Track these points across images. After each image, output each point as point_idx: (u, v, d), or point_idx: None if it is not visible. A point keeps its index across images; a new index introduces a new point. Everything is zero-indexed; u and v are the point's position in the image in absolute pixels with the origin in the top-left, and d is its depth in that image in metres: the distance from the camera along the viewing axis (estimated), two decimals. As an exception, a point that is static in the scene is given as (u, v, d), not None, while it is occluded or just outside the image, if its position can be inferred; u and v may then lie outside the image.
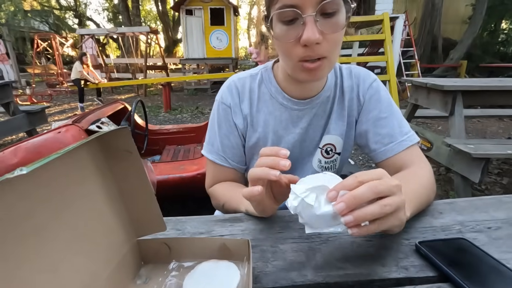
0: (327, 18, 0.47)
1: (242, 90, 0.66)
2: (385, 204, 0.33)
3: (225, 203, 0.62)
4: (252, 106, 0.66)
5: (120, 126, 1.60)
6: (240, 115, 0.66)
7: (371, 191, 0.33)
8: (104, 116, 2.07)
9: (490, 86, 2.10)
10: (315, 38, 0.46)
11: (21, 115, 3.30)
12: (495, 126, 4.40)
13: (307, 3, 0.46)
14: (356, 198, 0.32)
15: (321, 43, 0.48)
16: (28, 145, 1.45)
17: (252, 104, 0.66)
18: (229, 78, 0.68)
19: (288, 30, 0.49)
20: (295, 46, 0.49)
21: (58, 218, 0.26)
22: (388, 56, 4.30)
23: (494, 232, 0.46)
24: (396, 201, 0.34)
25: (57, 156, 0.23)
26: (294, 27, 0.48)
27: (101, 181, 0.33)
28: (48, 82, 9.37)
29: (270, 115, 0.65)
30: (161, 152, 2.55)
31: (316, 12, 0.46)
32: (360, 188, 0.33)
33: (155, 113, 5.84)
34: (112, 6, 17.90)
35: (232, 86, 0.66)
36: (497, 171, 2.71)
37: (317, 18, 0.46)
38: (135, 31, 8.83)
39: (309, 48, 0.48)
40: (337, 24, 0.48)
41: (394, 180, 0.35)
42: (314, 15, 0.46)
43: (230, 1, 9.12)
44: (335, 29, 0.48)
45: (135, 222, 0.39)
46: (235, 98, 0.66)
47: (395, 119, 0.62)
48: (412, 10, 9.80)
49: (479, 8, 7.94)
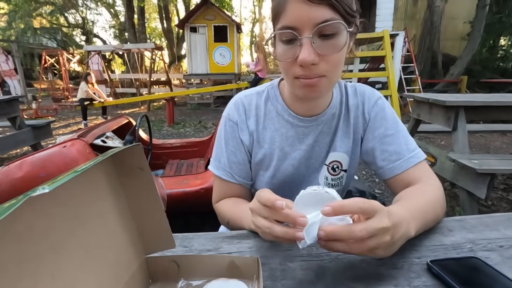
0: (325, 40, 0.48)
1: (249, 107, 0.67)
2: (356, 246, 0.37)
3: (229, 220, 0.63)
4: (259, 123, 0.67)
5: (125, 140, 1.60)
6: (247, 132, 0.67)
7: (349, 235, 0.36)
8: (109, 130, 2.09)
9: (492, 101, 2.11)
10: (310, 59, 0.48)
11: (26, 129, 3.33)
12: (499, 141, 4.38)
13: (305, 26, 0.47)
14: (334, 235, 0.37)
15: (319, 64, 0.49)
16: (33, 159, 1.46)
17: (259, 121, 0.67)
18: (235, 96, 0.70)
19: (287, 50, 0.51)
20: (293, 65, 0.51)
21: (73, 237, 0.26)
22: (389, 71, 4.36)
23: (507, 251, 0.45)
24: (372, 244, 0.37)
25: (75, 174, 0.23)
26: (293, 47, 0.50)
27: (114, 199, 0.33)
28: (54, 96, 9.53)
29: (276, 132, 0.66)
30: (164, 167, 2.56)
31: (313, 34, 0.47)
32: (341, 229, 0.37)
33: (158, 127, 5.88)
34: (118, 24, 18.44)
35: (239, 103, 0.68)
36: (503, 186, 2.67)
37: (313, 40, 0.48)
38: (141, 48, 9.04)
39: (305, 68, 0.50)
40: (335, 46, 0.49)
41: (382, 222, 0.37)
42: (310, 37, 0.47)
43: (233, 19, 9.37)
44: (333, 50, 0.49)
45: (145, 239, 0.38)
46: (241, 115, 0.67)
47: (402, 136, 0.62)
48: (411, 27, 10.03)
49: (477, 25, 8.09)
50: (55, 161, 1.49)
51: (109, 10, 18.12)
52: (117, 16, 18.64)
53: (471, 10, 9.56)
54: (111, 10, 18.10)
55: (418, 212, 0.47)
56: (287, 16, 0.48)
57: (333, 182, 0.68)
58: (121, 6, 17.25)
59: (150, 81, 8.84)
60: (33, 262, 0.22)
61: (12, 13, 12.58)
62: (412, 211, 0.45)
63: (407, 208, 0.45)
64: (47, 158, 1.49)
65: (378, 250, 0.37)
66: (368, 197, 1.55)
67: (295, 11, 0.47)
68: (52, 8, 15.15)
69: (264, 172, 0.69)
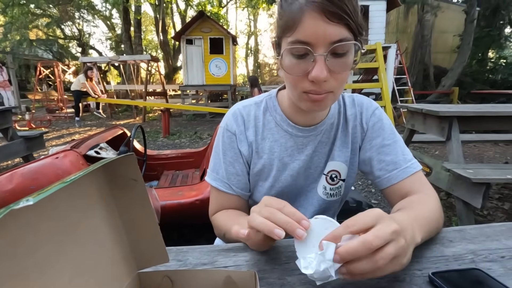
0: (337, 58, 0.49)
1: (247, 117, 0.67)
2: (379, 259, 0.33)
3: (226, 233, 0.60)
4: (257, 134, 0.66)
5: (119, 151, 1.58)
6: (245, 143, 0.66)
7: (365, 247, 0.33)
8: (103, 141, 2.06)
9: (484, 111, 2.15)
10: (323, 76, 0.48)
11: (18, 140, 3.28)
12: (492, 151, 4.44)
13: (320, 43, 0.47)
14: (349, 254, 0.33)
15: (328, 81, 0.50)
16: (24, 171, 1.42)
17: (257, 132, 0.66)
18: (233, 106, 0.69)
19: (298, 64, 0.50)
20: (303, 80, 0.51)
21: (61, 252, 0.24)
22: (382, 83, 4.44)
23: (509, 262, 0.44)
24: (392, 251, 0.34)
25: (63, 185, 0.22)
26: (304, 61, 0.49)
27: (105, 212, 0.31)
28: (48, 107, 9.46)
29: (276, 143, 0.66)
30: (159, 178, 2.52)
31: (328, 52, 0.47)
32: (354, 243, 0.33)
33: (153, 138, 5.85)
34: (115, 36, 18.59)
35: (237, 113, 0.67)
36: (497, 196, 2.68)
37: (327, 58, 0.48)
38: (137, 59, 9.09)
39: (316, 84, 0.50)
40: (345, 64, 0.50)
41: (391, 225, 0.35)
42: (325, 55, 0.47)
43: (229, 32, 9.52)
44: (343, 69, 0.50)
45: (137, 253, 0.37)
46: (240, 125, 0.66)
47: (398, 146, 0.63)
48: (403, 40, 10.30)
49: (466, 39, 8.34)
50: (46, 173, 1.46)
51: (105, 22, 18.29)
52: (114, 29, 18.81)
53: (459, 24, 9.88)
54: (107, 22, 18.28)
55: (422, 219, 0.46)
56: (302, 31, 0.47)
57: (332, 191, 0.68)
58: (118, 19, 17.48)
59: (146, 92, 8.85)
60: (17, 279, 0.21)
61: (8, 25, 12.62)
62: (416, 218, 0.45)
63: (411, 216, 0.45)
64: (39, 170, 1.46)
65: (401, 258, 0.35)
66: (365, 207, 1.54)
67: (312, 27, 0.47)
68: (48, 21, 15.24)
69: (263, 183, 0.68)
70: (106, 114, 9.06)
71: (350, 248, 0.33)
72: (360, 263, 0.34)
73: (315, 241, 0.37)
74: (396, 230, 0.35)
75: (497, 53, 10.91)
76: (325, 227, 0.38)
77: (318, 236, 0.37)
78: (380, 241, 0.33)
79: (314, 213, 0.69)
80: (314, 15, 0.46)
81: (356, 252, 0.33)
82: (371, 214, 0.36)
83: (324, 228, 0.38)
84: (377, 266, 0.33)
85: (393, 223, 0.35)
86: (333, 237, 0.35)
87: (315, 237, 0.38)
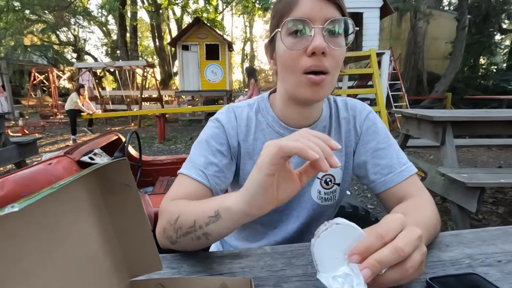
0: (332, 37, 0.52)
1: (240, 115, 0.66)
2: (409, 267, 0.32)
3: (181, 214, 0.47)
4: (249, 134, 0.66)
5: (114, 157, 1.56)
6: (235, 139, 0.64)
7: (398, 255, 0.31)
8: (97, 147, 2.04)
9: (477, 116, 2.18)
10: (323, 46, 0.50)
11: (11, 146, 3.23)
12: (485, 155, 4.49)
13: (317, 18, 0.50)
14: (382, 264, 0.31)
15: (326, 56, 0.51)
16: (16, 178, 1.40)
17: (249, 132, 0.66)
18: (227, 105, 0.69)
19: (296, 42, 0.52)
20: (302, 57, 0.52)
21: (48, 261, 0.23)
22: (377, 88, 4.48)
23: (505, 266, 0.44)
24: (418, 258, 0.33)
25: (51, 191, 0.21)
26: (302, 38, 0.52)
27: (96, 218, 0.31)
28: (42, 113, 9.38)
29: None
30: (154, 184, 2.49)
31: (324, 26, 0.50)
32: (385, 252, 0.31)
33: (149, 144, 5.81)
34: (111, 42, 18.58)
35: (230, 110, 0.67)
36: (491, 200, 2.71)
37: (324, 32, 0.51)
38: (132, 65, 9.09)
39: (316, 58, 0.51)
40: (340, 43, 0.53)
41: (416, 230, 0.34)
42: (322, 27, 0.50)
43: (225, 38, 9.59)
44: (339, 45, 0.52)
45: (129, 261, 0.36)
46: (232, 121, 0.65)
47: (393, 150, 0.62)
48: (396, 47, 10.46)
49: (458, 46, 8.51)
50: (39, 179, 1.43)
51: (101, 28, 18.30)
52: (110, 35, 18.83)
53: (451, 31, 10.09)
54: (103, 28, 18.29)
55: (424, 229, 0.45)
56: (300, 9, 0.51)
57: (326, 196, 0.67)
58: (114, 25, 17.50)
59: (141, 98, 8.83)
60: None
61: (3, 31, 12.56)
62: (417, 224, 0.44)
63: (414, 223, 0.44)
64: (31, 176, 1.43)
65: (423, 264, 0.34)
66: (361, 212, 1.53)
67: (309, 4, 0.51)
68: (44, 26, 15.21)
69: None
70: (101, 120, 9.00)
71: (382, 257, 0.31)
72: (391, 273, 0.32)
73: (337, 251, 0.34)
74: (420, 235, 0.34)
75: (488, 60, 11.15)
76: (348, 234, 0.34)
77: (340, 245, 0.34)
78: (411, 248, 0.32)
79: (308, 218, 0.68)
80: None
81: (389, 262, 0.31)
82: (398, 219, 0.35)
83: (347, 236, 0.34)
84: (406, 275, 0.32)
85: (416, 228, 0.34)
86: (366, 249, 0.32)
87: (337, 247, 0.34)
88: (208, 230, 0.43)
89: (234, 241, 0.77)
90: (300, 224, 0.68)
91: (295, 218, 0.69)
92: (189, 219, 0.45)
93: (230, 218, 0.40)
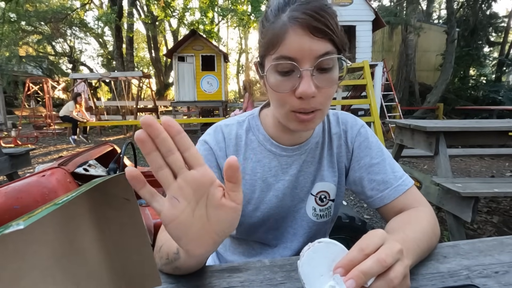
0: (323, 73, 0.49)
1: (229, 136, 0.64)
2: (393, 277, 0.33)
3: (163, 245, 0.47)
4: (239, 153, 0.64)
5: (109, 168, 1.54)
6: (225, 160, 0.63)
7: (380, 265, 0.32)
8: (92, 158, 2.02)
9: (470, 127, 2.22)
10: (311, 91, 0.47)
11: (3, 157, 3.18)
12: (478, 165, 4.55)
13: (306, 58, 0.47)
14: (366, 274, 0.32)
15: (316, 96, 0.49)
16: (8, 190, 1.37)
17: (239, 151, 0.64)
18: (216, 123, 0.67)
19: (284, 81, 0.49)
20: (290, 97, 0.50)
21: (48, 278, 0.23)
22: (371, 99, 4.55)
23: (503, 277, 0.44)
24: (401, 269, 0.33)
25: (56, 207, 0.21)
26: (290, 78, 0.49)
27: (95, 234, 0.30)
28: (36, 124, 9.28)
29: (258, 163, 0.64)
30: (149, 195, 2.46)
31: (314, 67, 0.47)
32: (368, 263, 0.32)
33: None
34: (107, 53, 18.66)
35: (218, 130, 0.65)
36: (486, 209, 2.73)
37: (313, 73, 0.47)
38: (128, 76, 9.10)
39: (304, 101, 0.49)
40: (331, 79, 0.49)
41: (396, 244, 0.35)
42: (311, 70, 0.47)
43: (220, 49, 9.70)
44: (330, 84, 0.49)
45: (128, 276, 0.35)
46: (220, 142, 0.63)
47: (387, 164, 0.61)
48: (388, 59, 10.73)
49: (448, 58, 8.75)
50: (32, 191, 1.40)
51: (97, 40, 18.42)
52: (106, 46, 18.93)
53: (441, 43, 10.40)
54: (99, 39, 18.40)
55: (414, 245, 0.45)
56: (287, 47, 0.47)
57: (321, 213, 0.66)
58: (110, 36, 17.63)
59: (137, 108, 8.82)
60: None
61: (-2, 42, 12.56)
62: (408, 242, 0.43)
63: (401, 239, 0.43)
64: (23, 189, 1.41)
65: (407, 278, 0.35)
66: (358, 222, 1.53)
67: (296, 42, 0.46)
68: (39, 37, 15.23)
69: (245, 206, 0.64)
70: (96, 131, 8.94)
71: (365, 268, 0.32)
72: (377, 284, 0.33)
73: (322, 268, 0.35)
74: (400, 249, 0.34)
75: (477, 71, 11.46)
76: (331, 251, 0.36)
77: (324, 262, 0.35)
78: (393, 259, 0.33)
79: (305, 236, 0.67)
80: (298, 31, 0.46)
81: (373, 272, 0.32)
82: (378, 234, 0.35)
83: (330, 252, 0.36)
84: (392, 285, 0.32)
85: (396, 243, 0.35)
86: (349, 262, 0.33)
87: (321, 264, 0.35)
88: (177, 264, 0.43)
89: (231, 255, 0.75)
90: (298, 242, 0.67)
91: (292, 236, 0.68)
92: (167, 251, 0.45)
93: (187, 257, 0.40)
